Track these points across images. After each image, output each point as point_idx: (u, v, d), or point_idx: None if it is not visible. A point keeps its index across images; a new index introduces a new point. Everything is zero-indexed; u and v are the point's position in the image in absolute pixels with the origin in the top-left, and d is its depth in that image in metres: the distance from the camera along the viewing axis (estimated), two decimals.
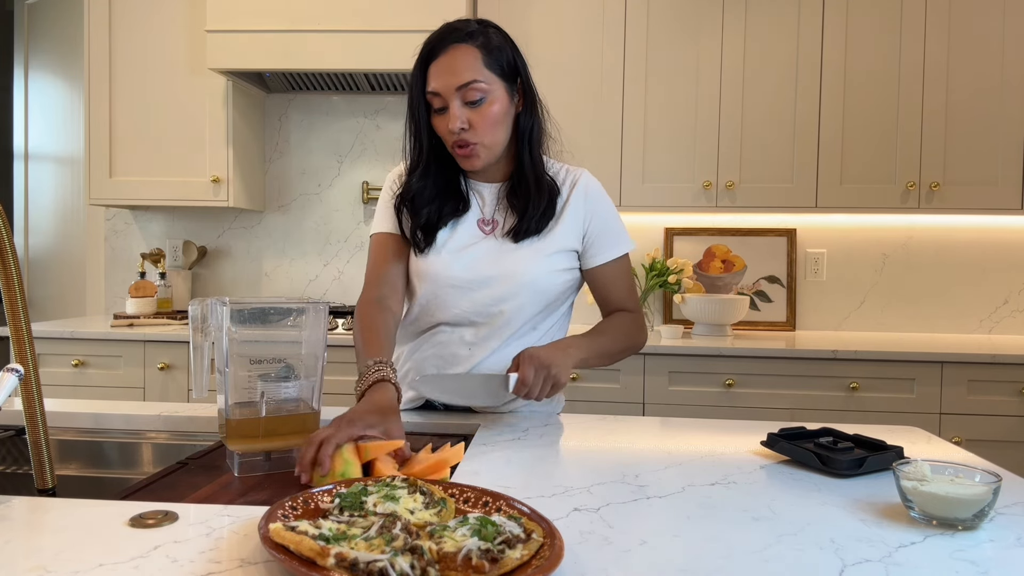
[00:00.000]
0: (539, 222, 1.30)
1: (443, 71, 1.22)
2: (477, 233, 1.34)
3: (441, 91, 1.22)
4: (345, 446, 0.91)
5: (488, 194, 1.36)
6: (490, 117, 1.23)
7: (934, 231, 2.94)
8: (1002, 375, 2.37)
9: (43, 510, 0.78)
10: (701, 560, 0.68)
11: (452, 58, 1.21)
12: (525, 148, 1.31)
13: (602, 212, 1.37)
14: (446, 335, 1.34)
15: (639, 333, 1.40)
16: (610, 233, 1.37)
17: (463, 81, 1.21)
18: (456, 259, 1.31)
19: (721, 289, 3.00)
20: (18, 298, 0.87)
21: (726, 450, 1.09)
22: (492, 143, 1.26)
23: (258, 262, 3.18)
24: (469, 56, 1.22)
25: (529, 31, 2.74)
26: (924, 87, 2.64)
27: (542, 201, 1.31)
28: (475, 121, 1.23)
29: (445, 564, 0.60)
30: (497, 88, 1.24)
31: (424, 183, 1.32)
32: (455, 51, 1.22)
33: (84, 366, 2.63)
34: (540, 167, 1.33)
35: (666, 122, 2.73)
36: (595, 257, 1.36)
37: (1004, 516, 0.82)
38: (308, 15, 2.62)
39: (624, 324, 1.38)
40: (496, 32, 1.28)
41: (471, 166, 1.28)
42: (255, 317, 0.98)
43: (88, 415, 1.28)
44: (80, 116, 3.38)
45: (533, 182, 1.31)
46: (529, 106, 1.31)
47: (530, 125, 1.31)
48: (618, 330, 1.37)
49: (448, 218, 1.33)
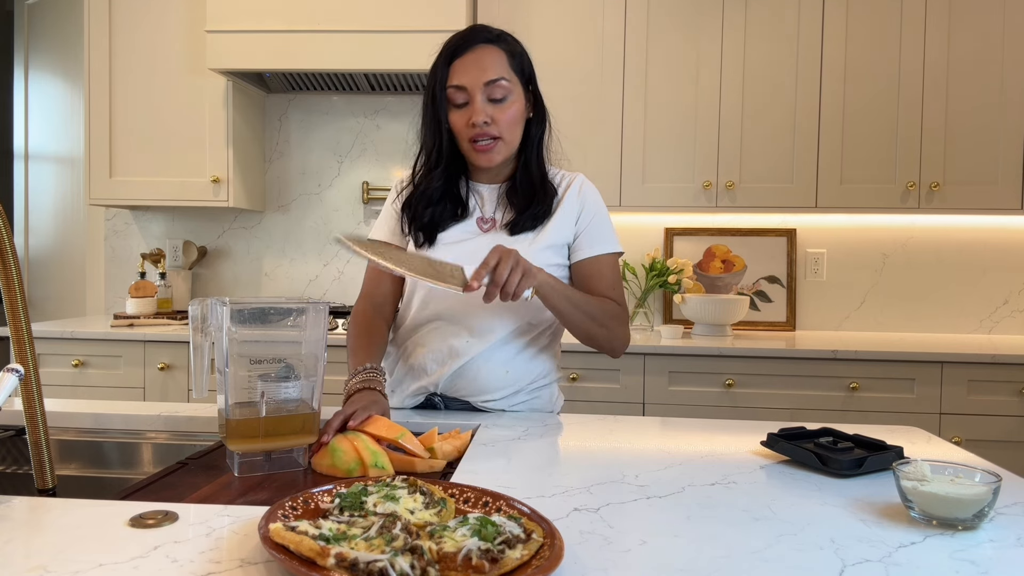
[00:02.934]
0: (535, 219, 1.34)
1: (471, 66, 1.26)
2: (475, 230, 1.37)
3: (468, 85, 1.26)
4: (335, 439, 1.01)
5: (488, 194, 1.39)
6: (511, 115, 1.29)
7: (934, 231, 2.94)
8: (1002, 375, 2.37)
9: (43, 510, 0.78)
10: (701, 560, 0.68)
11: (479, 55, 1.27)
12: (533, 153, 1.36)
13: (594, 209, 1.39)
14: (443, 329, 1.35)
15: (618, 324, 1.35)
16: (600, 230, 1.38)
17: (491, 77, 1.26)
18: (453, 252, 1.32)
19: (721, 289, 3.00)
20: (18, 298, 0.87)
21: (726, 450, 1.09)
22: (510, 140, 1.31)
23: (258, 262, 3.18)
24: (497, 55, 1.28)
25: (529, 31, 2.73)
26: (924, 87, 2.64)
27: (542, 202, 1.34)
28: (497, 117, 1.27)
29: (445, 564, 0.60)
30: (518, 90, 1.30)
31: (434, 182, 1.35)
32: (482, 50, 1.28)
33: (84, 366, 2.63)
34: (544, 170, 1.38)
35: (666, 122, 2.73)
36: (581, 251, 1.37)
37: (1004, 516, 0.82)
38: (308, 15, 2.62)
39: (606, 305, 1.34)
40: (516, 41, 1.34)
41: (488, 161, 1.31)
42: (255, 317, 0.98)
43: (88, 415, 1.28)
44: (80, 116, 3.37)
45: (539, 183, 1.35)
46: (539, 114, 1.36)
47: (539, 133, 1.36)
48: (599, 303, 1.32)
49: (448, 222, 1.36)
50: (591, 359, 2.47)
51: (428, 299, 1.35)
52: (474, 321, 1.33)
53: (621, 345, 1.38)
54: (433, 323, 1.36)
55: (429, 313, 1.36)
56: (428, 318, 1.36)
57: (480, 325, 1.33)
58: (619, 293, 1.39)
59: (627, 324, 1.39)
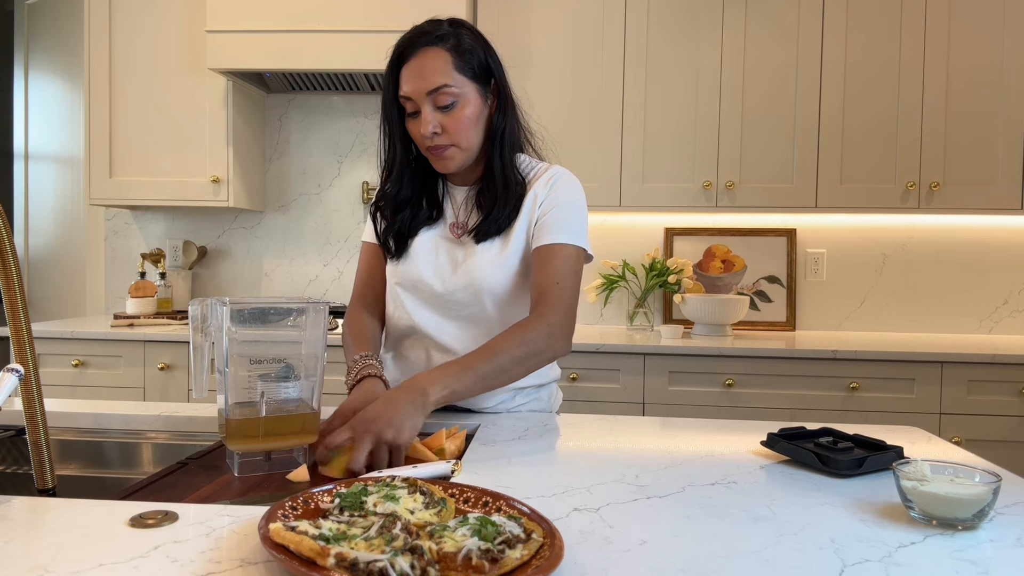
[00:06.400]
0: (501, 223, 1.28)
1: (414, 75, 1.21)
2: (448, 237, 1.34)
3: (412, 95, 1.22)
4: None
5: (460, 197, 1.36)
6: (462, 121, 1.23)
7: (934, 231, 2.94)
8: (1002, 375, 2.37)
9: (43, 510, 0.78)
10: (701, 560, 0.68)
11: (422, 62, 1.21)
12: (496, 150, 1.29)
13: (559, 199, 1.28)
14: (421, 340, 1.34)
15: (550, 342, 1.18)
16: (558, 219, 1.27)
17: (433, 86, 1.20)
18: (423, 264, 1.31)
19: (721, 289, 3.00)
20: (18, 298, 0.87)
21: (726, 450, 1.09)
22: (467, 146, 1.25)
23: (258, 262, 3.18)
24: (439, 60, 1.21)
25: (529, 31, 2.74)
26: (924, 87, 2.64)
27: (508, 203, 1.28)
28: (447, 125, 1.22)
29: (445, 564, 0.60)
30: (469, 91, 1.24)
31: (399, 188, 1.32)
32: (425, 54, 1.21)
33: (84, 366, 2.63)
34: (510, 168, 1.30)
35: (666, 122, 2.73)
36: (535, 238, 1.28)
37: (1004, 516, 0.82)
38: (308, 15, 2.62)
39: (525, 335, 1.17)
40: (468, 33, 1.26)
41: (445, 168, 1.28)
42: (255, 317, 0.98)
43: (88, 415, 1.28)
44: (80, 116, 3.37)
45: (501, 184, 1.29)
46: (502, 107, 1.29)
47: (502, 127, 1.29)
48: (512, 345, 1.15)
49: (421, 226, 1.33)
50: (591, 359, 2.47)
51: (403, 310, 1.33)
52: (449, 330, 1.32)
53: (563, 353, 1.23)
54: (411, 334, 1.35)
55: (407, 322, 1.34)
56: (407, 325, 1.35)
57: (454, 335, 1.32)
58: (562, 288, 1.22)
59: (559, 336, 1.21)
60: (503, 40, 2.67)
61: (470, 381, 1.11)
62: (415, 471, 0.93)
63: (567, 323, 1.23)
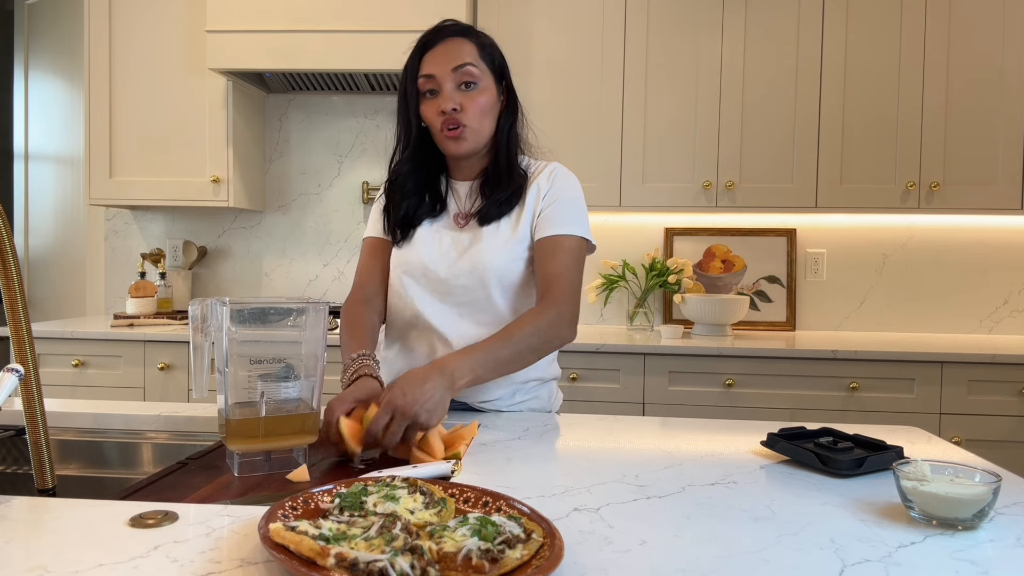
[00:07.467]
0: (502, 205, 1.32)
1: (439, 56, 1.28)
2: (452, 226, 1.36)
3: (436, 73, 1.28)
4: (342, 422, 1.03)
5: (464, 191, 1.39)
6: (480, 103, 1.29)
7: (934, 231, 2.94)
8: (1002, 375, 2.37)
9: (43, 510, 0.78)
10: (701, 560, 0.68)
11: (448, 47, 1.29)
12: (503, 146, 1.35)
13: (561, 192, 1.34)
14: (424, 331, 1.35)
15: (557, 329, 1.24)
16: (562, 211, 1.32)
17: (459, 62, 1.27)
18: (427, 250, 1.34)
19: (721, 289, 3.00)
20: (18, 298, 0.87)
21: (726, 450, 1.09)
22: (480, 128, 1.30)
23: (258, 262, 3.18)
24: (466, 46, 1.30)
25: (529, 31, 2.74)
26: (924, 87, 2.64)
27: (511, 187, 1.33)
28: (466, 104, 1.28)
29: (445, 564, 0.60)
30: (488, 80, 1.31)
31: (410, 167, 1.35)
32: (451, 41, 1.29)
33: (84, 366, 2.63)
34: (514, 160, 1.36)
35: (666, 122, 2.73)
36: (538, 230, 1.32)
37: (1004, 516, 0.82)
38: (308, 15, 2.62)
39: (538, 322, 1.22)
40: (487, 36, 1.36)
41: (457, 148, 1.30)
42: (255, 317, 0.98)
43: (88, 415, 1.28)
44: (80, 116, 3.38)
45: (505, 170, 1.34)
46: (511, 108, 1.36)
47: (509, 125, 1.36)
48: (527, 330, 1.20)
49: (424, 216, 1.36)
50: (591, 359, 2.47)
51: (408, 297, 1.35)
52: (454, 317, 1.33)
53: (570, 339, 1.29)
54: (415, 321, 1.36)
55: (411, 310, 1.35)
56: (412, 314, 1.35)
57: (459, 322, 1.33)
58: (568, 280, 1.28)
59: (568, 324, 1.26)
60: (503, 40, 2.63)
61: (492, 367, 1.17)
62: (415, 471, 0.93)
63: (574, 311, 1.28)
